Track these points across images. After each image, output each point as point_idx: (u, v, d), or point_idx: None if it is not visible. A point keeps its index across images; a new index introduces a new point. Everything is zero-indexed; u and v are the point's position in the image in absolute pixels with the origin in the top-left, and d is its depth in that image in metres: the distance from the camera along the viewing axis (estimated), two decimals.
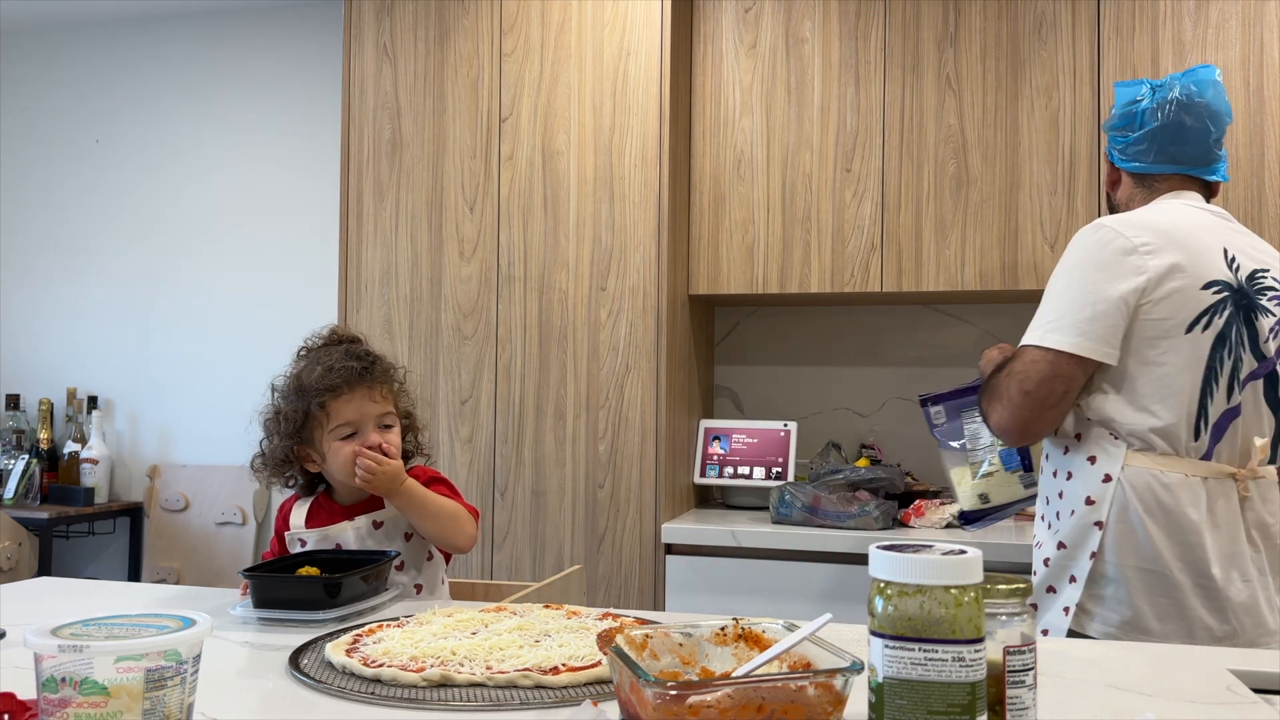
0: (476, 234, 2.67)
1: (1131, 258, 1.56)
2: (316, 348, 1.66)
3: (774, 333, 3.06)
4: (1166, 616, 1.54)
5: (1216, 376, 1.55)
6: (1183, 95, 1.65)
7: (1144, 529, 1.55)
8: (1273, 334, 1.59)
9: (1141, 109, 1.69)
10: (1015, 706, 0.82)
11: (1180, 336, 1.55)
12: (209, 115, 3.71)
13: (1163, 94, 1.67)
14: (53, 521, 3.36)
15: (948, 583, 0.76)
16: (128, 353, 3.75)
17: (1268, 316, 1.58)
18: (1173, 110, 1.65)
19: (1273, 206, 2.42)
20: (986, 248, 2.56)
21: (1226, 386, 1.56)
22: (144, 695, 0.75)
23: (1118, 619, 1.56)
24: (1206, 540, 1.54)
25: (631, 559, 2.52)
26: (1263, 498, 1.59)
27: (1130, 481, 1.56)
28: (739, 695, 0.79)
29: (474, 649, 1.10)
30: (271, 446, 1.62)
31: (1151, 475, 1.55)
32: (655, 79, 2.56)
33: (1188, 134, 1.67)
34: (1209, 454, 1.56)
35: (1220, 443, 1.57)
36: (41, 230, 3.86)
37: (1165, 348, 1.55)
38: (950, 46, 2.60)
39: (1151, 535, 1.54)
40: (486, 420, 2.64)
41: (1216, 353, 1.55)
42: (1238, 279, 1.57)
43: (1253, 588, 1.55)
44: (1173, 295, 1.55)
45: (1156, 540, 1.54)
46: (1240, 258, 1.59)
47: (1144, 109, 1.69)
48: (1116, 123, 1.74)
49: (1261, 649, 1.51)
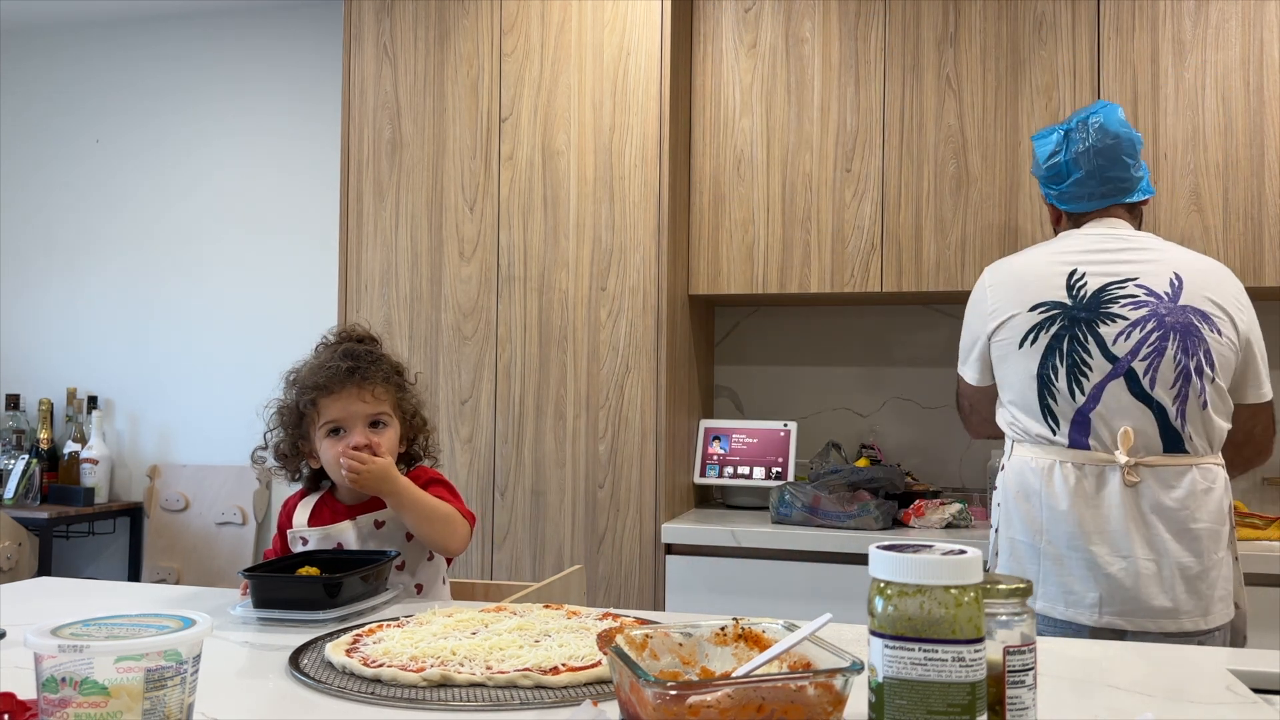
0: (476, 234, 2.67)
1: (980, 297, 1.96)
2: (325, 345, 1.67)
3: (774, 333, 3.06)
4: (1042, 581, 1.80)
5: (1052, 380, 1.82)
6: (1096, 142, 1.91)
7: (1017, 507, 1.84)
8: (1123, 336, 1.79)
9: (1064, 160, 1.95)
10: (1015, 706, 0.82)
11: (1015, 352, 1.87)
12: (209, 115, 3.71)
13: (1076, 144, 1.92)
14: (53, 521, 3.36)
15: (948, 583, 0.76)
16: (128, 353, 3.75)
17: (1115, 323, 1.80)
18: (1092, 157, 1.91)
19: (1273, 206, 2.42)
20: (986, 248, 2.56)
21: (1068, 387, 1.80)
22: (144, 695, 0.75)
23: None
24: (1073, 517, 1.78)
25: (631, 559, 2.52)
26: (1164, 483, 1.77)
27: (1013, 468, 1.87)
28: (739, 695, 0.79)
29: (474, 649, 1.10)
30: (276, 439, 1.64)
31: (1023, 462, 1.85)
32: (655, 79, 2.56)
33: (1109, 171, 1.92)
34: (1075, 444, 1.80)
35: (1084, 435, 1.80)
36: (41, 230, 3.86)
37: (1008, 364, 1.89)
38: (950, 46, 2.60)
39: (1021, 512, 1.83)
40: (486, 420, 2.64)
41: (1048, 360, 1.82)
42: (1077, 297, 1.83)
43: (1133, 563, 1.74)
44: (1007, 322, 1.88)
45: (1025, 516, 1.83)
46: (1090, 277, 1.83)
47: (1066, 160, 1.94)
48: (1045, 174, 2.00)
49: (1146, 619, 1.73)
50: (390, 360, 1.68)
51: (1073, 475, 1.79)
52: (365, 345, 1.66)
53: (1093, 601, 1.76)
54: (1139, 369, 1.77)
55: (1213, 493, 1.78)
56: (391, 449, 1.61)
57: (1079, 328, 1.81)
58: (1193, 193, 2.45)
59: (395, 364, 1.69)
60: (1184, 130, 2.46)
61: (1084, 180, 1.93)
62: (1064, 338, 1.82)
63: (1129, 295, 1.81)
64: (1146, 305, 1.80)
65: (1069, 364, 1.81)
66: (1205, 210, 2.46)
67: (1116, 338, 1.79)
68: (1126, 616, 1.74)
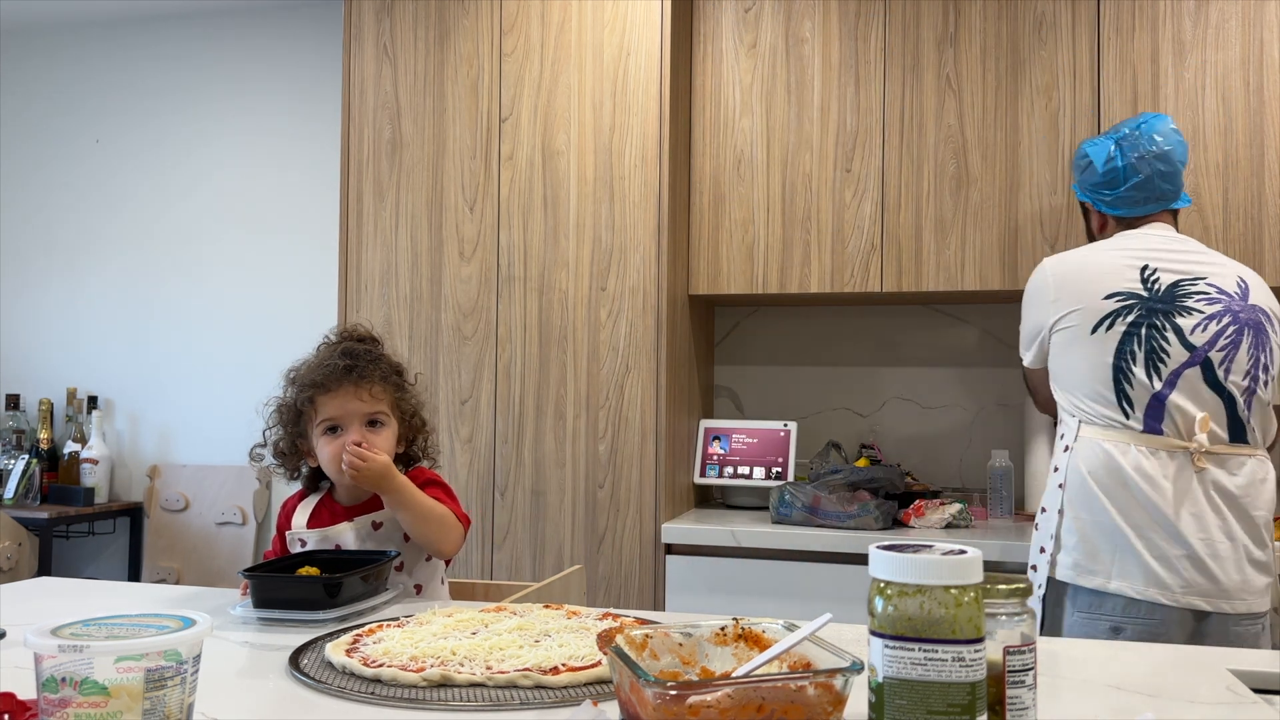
0: (476, 234, 2.67)
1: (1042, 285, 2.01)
2: (327, 344, 1.67)
3: (774, 333, 3.06)
4: (1114, 558, 1.83)
5: (1129, 366, 1.87)
6: (1154, 147, 1.99)
7: (1089, 487, 1.87)
8: (1200, 328, 1.87)
9: (1122, 165, 2.01)
10: (1015, 706, 0.82)
11: (1085, 338, 1.92)
12: (209, 115, 3.71)
13: (1133, 150, 2.00)
14: (53, 521, 3.36)
15: (948, 583, 0.76)
16: (128, 353, 3.75)
17: (1192, 315, 1.87)
18: (1150, 161, 1.99)
19: (1273, 206, 2.42)
20: (986, 248, 2.56)
21: (1146, 373, 1.86)
22: (144, 695, 0.75)
23: (1070, 562, 1.88)
24: (1151, 499, 1.81)
25: (631, 559, 2.52)
26: (1228, 470, 1.84)
27: (1081, 449, 1.90)
28: (739, 695, 0.79)
29: (474, 649, 1.10)
30: (274, 437, 1.65)
31: (1096, 444, 1.88)
32: (655, 79, 2.56)
33: (1168, 179, 2.01)
34: (1150, 429, 1.86)
35: (1159, 421, 1.85)
36: (41, 230, 3.86)
37: (1074, 349, 1.94)
38: (950, 46, 2.60)
39: (1095, 493, 1.86)
40: (486, 420, 2.64)
41: (1125, 347, 1.88)
42: (1152, 290, 1.90)
43: (1211, 545, 1.80)
44: (1076, 310, 1.93)
45: (1099, 498, 1.85)
46: (1162, 273, 1.91)
47: (1124, 165, 2.01)
48: (1099, 179, 2.05)
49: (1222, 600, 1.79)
50: (389, 360, 1.68)
51: (1147, 458, 1.84)
52: (365, 345, 1.67)
53: (1173, 582, 1.80)
54: (1215, 359, 1.86)
55: (1267, 483, 1.87)
56: (388, 448, 1.60)
57: (1156, 317, 1.88)
58: (1193, 193, 2.45)
59: (394, 364, 1.69)
60: (1184, 130, 2.46)
61: (1141, 184, 2.00)
62: (1141, 325, 1.88)
63: (1201, 292, 1.90)
64: (1220, 302, 1.89)
65: (1147, 350, 1.86)
66: (1205, 210, 2.46)
67: (1194, 329, 1.87)
68: (1206, 597, 1.80)
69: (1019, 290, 2.53)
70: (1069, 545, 1.88)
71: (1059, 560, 1.90)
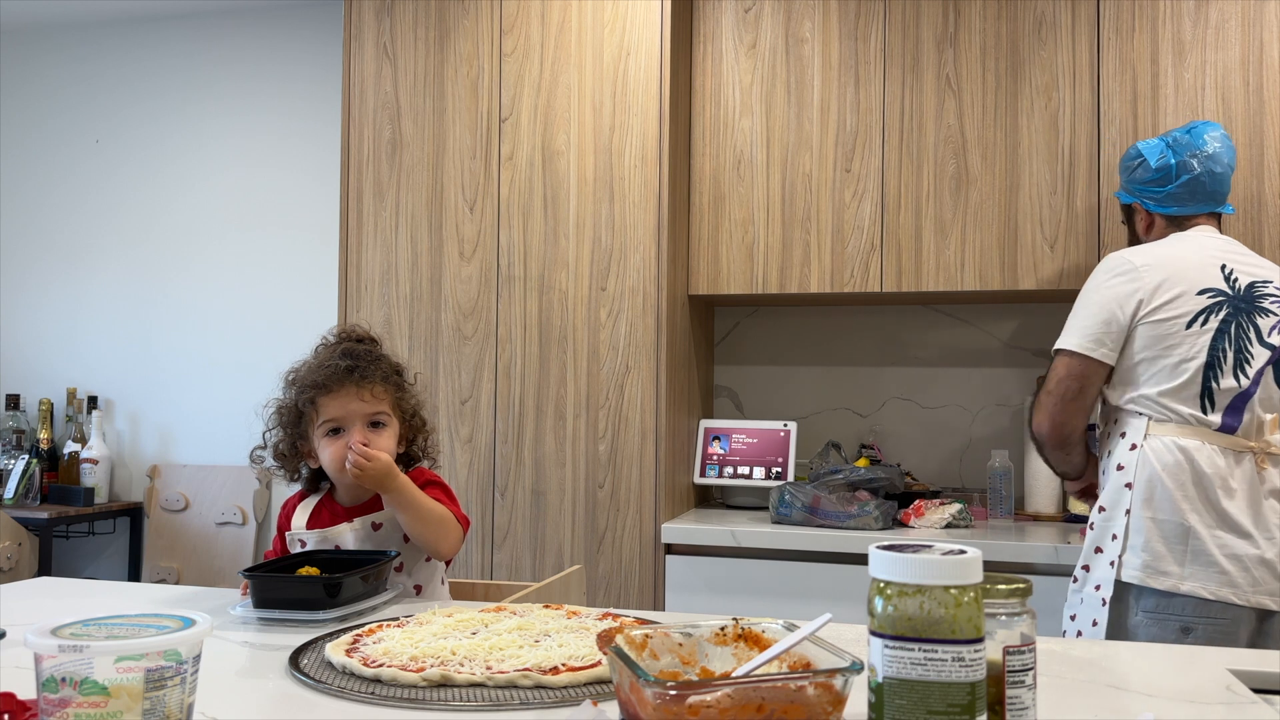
0: (476, 234, 2.67)
1: (1130, 275, 1.94)
2: (325, 345, 1.67)
3: (774, 333, 3.06)
4: (1186, 560, 1.82)
5: (1220, 363, 1.87)
6: (1207, 146, 2.01)
7: (1163, 486, 1.85)
8: (1275, 330, 1.91)
9: (1175, 162, 2.03)
10: (1015, 706, 0.82)
11: (1182, 332, 1.89)
12: (209, 115, 3.71)
13: (1187, 149, 2.02)
14: (53, 521, 3.36)
15: (947, 583, 0.76)
16: (128, 353, 3.75)
17: (1268, 316, 1.91)
18: (1204, 160, 2.01)
19: (1272, 207, 2.42)
20: (986, 248, 2.56)
21: (1233, 371, 1.87)
22: (144, 695, 0.75)
23: (1139, 563, 1.85)
24: (1225, 499, 1.82)
25: (631, 559, 2.52)
26: None
27: (1152, 448, 1.88)
28: (739, 695, 0.79)
29: (474, 649, 1.10)
30: (274, 439, 1.64)
31: (1171, 441, 1.87)
32: (655, 79, 2.56)
33: (1217, 180, 2.03)
34: (1226, 428, 1.86)
35: (1238, 420, 1.86)
36: (41, 230, 3.86)
37: (1172, 341, 1.90)
38: (950, 46, 2.60)
39: (1169, 492, 1.84)
40: (486, 420, 2.64)
41: (1217, 344, 1.88)
42: (1235, 288, 1.92)
43: (1277, 545, 1.82)
44: (1171, 301, 1.90)
45: (1174, 496, 1.84)
46: (1239, 273, 1.93)
47: (1177, 162, 2.03)
48: (1151, 175, 2.06)
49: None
50: (389, 360, 1.68)
51: (1220, 456, 1.85)
52: (365, 345, 1.67)
53: (1244, 581, 1.81)
54: None
55: None
56: (390, 449, 1.60)
57: (1242, 316, 1.91)
58: None
59: (394, 364, 1.69)
60: None
61: (1191, 182, 2.02)
62: (1231, 323, 1.90)
63: (1273, 294, 1.94)
64: None
65: (1236, 348, 1.89)
66: None
67: (1271, 330, 1.91)
68: (1274, 596, 1.82)
69: (1018, 290, 2.55)
70: (1136, 546, 1.86)
71: (1125, 561, 1.87)
